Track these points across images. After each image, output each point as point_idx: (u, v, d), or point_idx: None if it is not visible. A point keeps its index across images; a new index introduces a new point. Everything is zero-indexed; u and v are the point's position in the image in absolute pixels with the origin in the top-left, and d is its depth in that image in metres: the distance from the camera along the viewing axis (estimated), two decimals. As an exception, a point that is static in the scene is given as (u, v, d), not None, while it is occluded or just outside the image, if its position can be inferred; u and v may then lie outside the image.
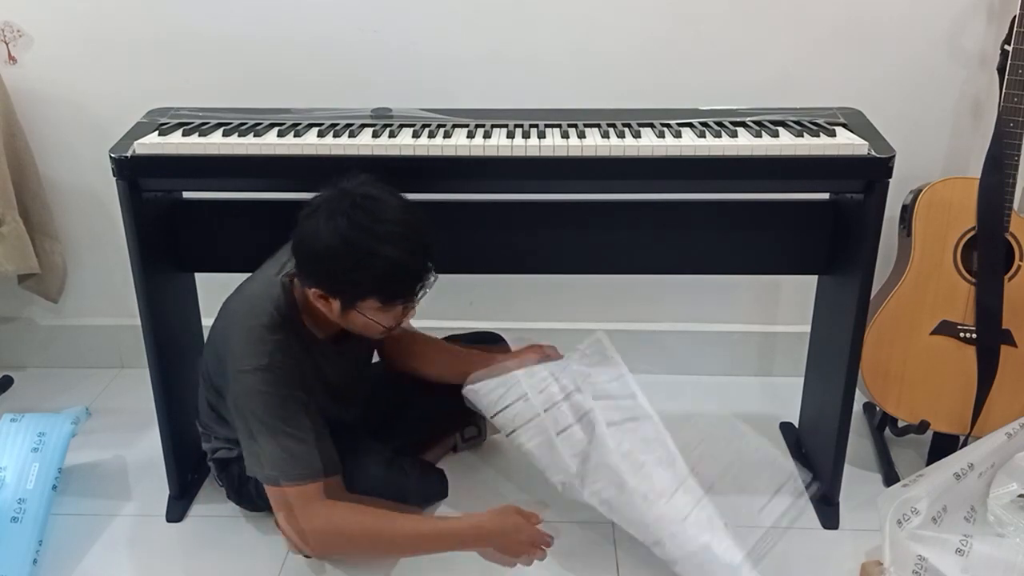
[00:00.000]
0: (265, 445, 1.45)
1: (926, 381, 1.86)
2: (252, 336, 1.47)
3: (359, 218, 1.37)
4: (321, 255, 1.39)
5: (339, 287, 1.43)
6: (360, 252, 1.37)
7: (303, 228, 1.41)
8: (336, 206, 1.38)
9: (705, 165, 1.56)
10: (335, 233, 1.37)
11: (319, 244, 1.38)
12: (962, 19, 2.00)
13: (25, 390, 2.31)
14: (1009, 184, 1.78)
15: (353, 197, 1.39)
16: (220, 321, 1.59)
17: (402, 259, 1.39)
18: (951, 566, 1.50)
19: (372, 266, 1.38)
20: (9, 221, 2.02)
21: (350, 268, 1.38)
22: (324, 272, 1.42)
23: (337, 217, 1.37)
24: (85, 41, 2.07)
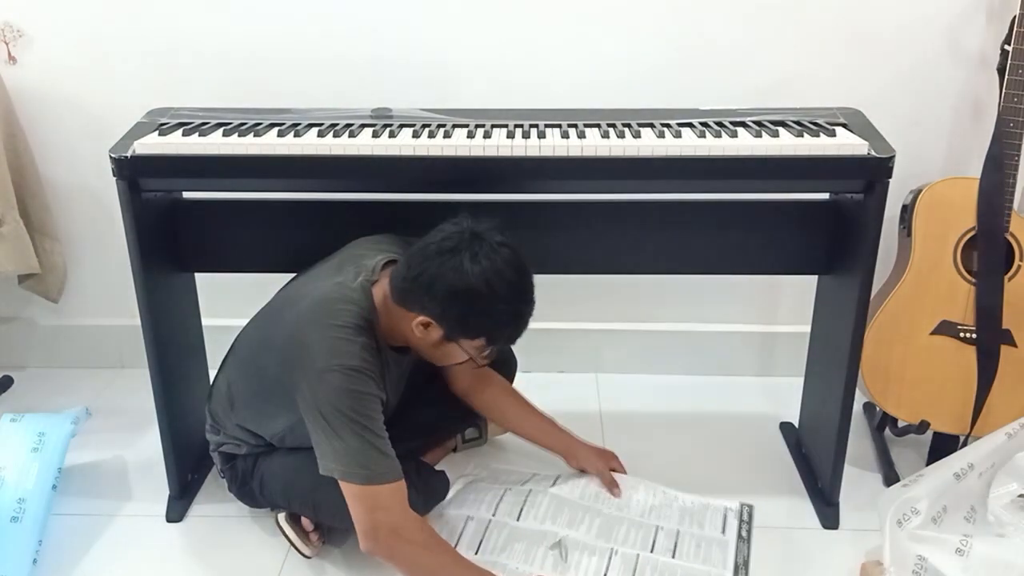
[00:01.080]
0: (352, 442, 1.44)
1: (926, 381, 1.86)
2: (339, 335, 1.47)
3: (500, 266, 1.43)
4: (455, 293, 1.43)
5: (458, 323, 1.47)
6: (498, 299, 1.44)
7: (440, 260, 1.43)
8: (478, 249, 1.43)
9: (705, 165, 1.56)
10: (481, 275, 1.42)
11: (461, 282, 1.42)
12: (962, 19, 2.00)
13: (25, 390, 2.31)
14: (1009, 184, 1.78)
15: (490, 245, 1.44)
16: (283, 327, 1.56)
17: (525, 314, 1.49)
18: (951, 566, 1.50)
19: (503, 315, 1.47)
20: (9, 221, 2.02)
21: (481, 312, 1.45)
22: (450, 308, 1.45)
23: (485, 259, 1.43)
24: (85, 41, 2.07)
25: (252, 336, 1.68)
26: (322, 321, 1.49)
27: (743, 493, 1.87)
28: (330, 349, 1.46)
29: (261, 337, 1.64)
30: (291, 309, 1.57)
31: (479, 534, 1.70)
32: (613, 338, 2.35)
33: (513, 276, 1.45)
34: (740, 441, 2.09)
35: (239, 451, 1.71)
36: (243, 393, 1.66)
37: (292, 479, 1.63)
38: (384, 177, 1.60)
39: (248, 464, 1.71)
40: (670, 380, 2.34)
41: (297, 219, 1.80)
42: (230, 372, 1.71)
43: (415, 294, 1.47)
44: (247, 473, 1.71)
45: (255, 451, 1.70)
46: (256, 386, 1.63)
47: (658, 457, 2.01)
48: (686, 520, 1.75)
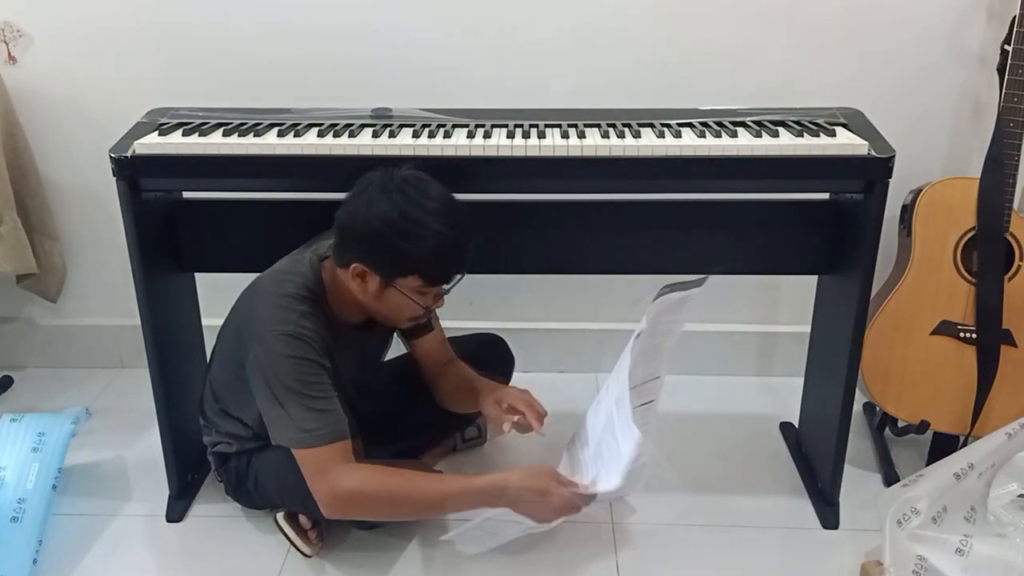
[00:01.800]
0: (292, 409, 1.47)
1: (926, 381, 1.86)
2: (280, 304, 1.50)
3: (412, 194, 1.44)
4: (373, 227, 1.44)
5: (385, 259, 1.47)
6: (413, 223, 1.43)
7: (353, 203, 1.46)
8: (388, 183, 1.45)
9: (705, 165, 1.56)
10: (391, 206, 1.43)
11: (371, 215, 1.43)
12: (962, 19, 2.00)
13: (25, 390, 2.31)
14: (1009, 184, 1.78)
15: (404, 177, 1.46)
16: (243, 300, 1.61)
17: (450, 236, 1.45)
18: (951, 566, 1.50)
19: (422, 238, 1.44)
20: (8, 221, 2.02)
21: (400, 238, 1.44)
22: (373, 244, 1.46)
23: (392, 192, 1.44)
24: (85, 41, 2.07)
25: (223, 328, 1.69)
26: (267, 290, 1.53)
27: (743, 493, 1.87)
28: (270, 316, 1.49)
29: (226, 325, 1.66)
30: (248, 290, 1.60)
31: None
32: (613, 338, 2.35)
33: (425, 200, 1.44)
34: (740, 441, 2.09)
35: (231, 449, 1.70)
36: (221, 382, 1.67)
37: (286, 476, 1.63)
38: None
39: (242, 463, 1.71)
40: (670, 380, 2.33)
41: (297, 219, 1.80)
42: (211, 370, 1.72)
43: (343, 244, 1.50)
44: (241, 473, 1.71)
45: (247, 448, 1.69)
46: (228, 376, 1.64)
47: (658, 457, 2.01)
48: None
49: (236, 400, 1.65)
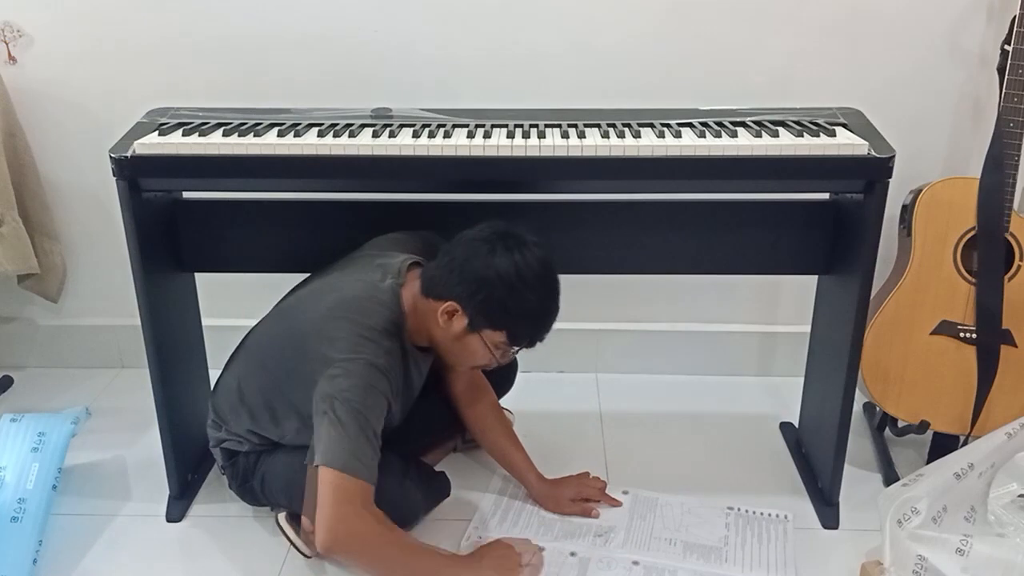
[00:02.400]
0: (351, 433, 1.43)
1: (926, 381, 1.86)
2: (367, 335, 1.49)
3: (532, 260, 1.49)
4: (487, 275, 1.47)
5: (485, 309, 1.50)
6: (526, 286, 1.48)
7: (473, 245, 1.50)
8: (513, 245, 1.49)
9: (705, 165, 1.56)
10: (511, 263, 1.47)
11: (491, 268, 1.47)
12: (962, 19, 2.00)
13: (25, 390, 2.31)
14: (1009, 184, 1.78)
15: (528, 242, 1.50)
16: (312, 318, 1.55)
17: (550, 309, 1.54)
18: (951, 566, 1.50)
19: (528, 303, 1.50)
20: (9, 221, 2.02)
21: (509, 295, 1.48)
22: (480, 291, 1.48)
23: (515, 251, 1.48)
24: (85, 41, 2.07)
25: (267, 333, 1.67)
26: (351, 318, 1.51)
27: (743, 493, 1.87)
28: (356, 345, 1.48)
29: (278, 333, 1.64)
30: (315, 305, 1.57)
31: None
32: (613, 338, 2.35)
33: (542, 271, 1.50)
34: (740, 441, 2.09)
35: (241, 448, 1.70)
36: (254, 390, 1.65)
37: (294, 478, 1.63)
38: (384, 177, 1.60)
39: (250, 462, 1.71)
40: (670, 380, 2.34)
41: (297, 219, 1.80)
42: (239, 369, 1.70)
43: (445, 280, 1.51)
44: (248, 471, 1.71)
45: (257, 449, 1.70)
46: (269, 382, 1.63)
47: (658, 457, 2.01)
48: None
49: (266, 415, 1.64)
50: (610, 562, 1.66)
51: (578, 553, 1.68)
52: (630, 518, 1.78)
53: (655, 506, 1.81)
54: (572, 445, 2.05)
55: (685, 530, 1.75)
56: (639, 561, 1.66)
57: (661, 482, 1.90)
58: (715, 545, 1.71)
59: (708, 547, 1.70)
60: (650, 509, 1.81)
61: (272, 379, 1.62)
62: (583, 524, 1.76)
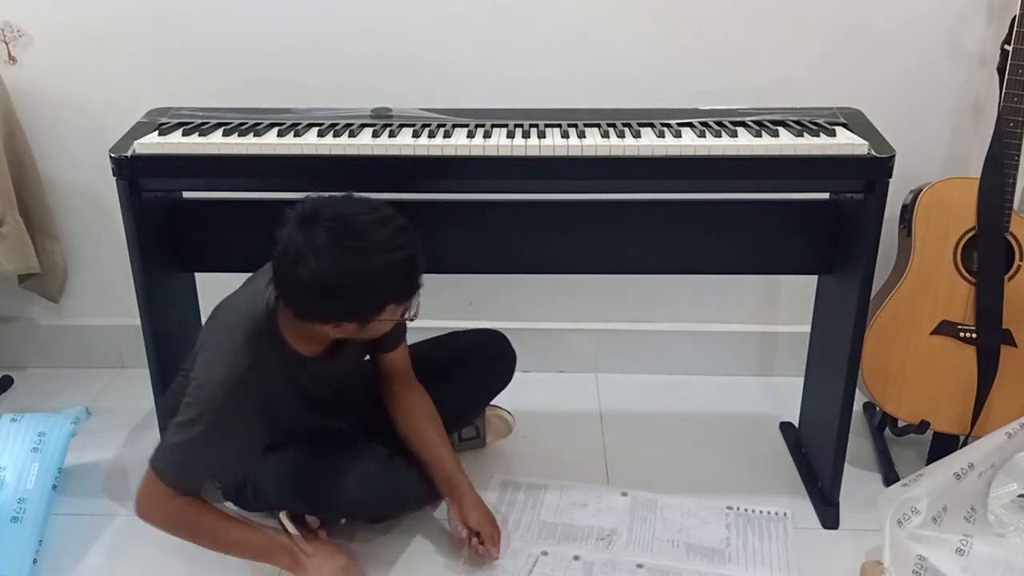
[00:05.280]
0: (180, 441, 1.48)
1: (926, 381, 1.86)
2: (228, 357, 1.47)
3: (347, 242, 1.35)
4: (330, 294, 1.37)
5: (356, 313, 1.43)
6: (367, 273, 1.36)
7: (296, 275, 1.36)
8: (316, 243, 1.35)
9: (705, 165, 1.56)
10: (336, 268, 1.34)
11: (323, 285, 1.36)
12: (962, 19, 2.00)
13: (25, 390, 2.31)
14: (1009, 184, 1.78)
15: (324, 227, 1.36)
16: (205, 327, 1.60)
17: (404, 259, 1.39)
18: (951, 566, 1.50)
19: (382, 280, 1.39)
20: (9, 221, 2.02)
21: (363, 292, 1.39)
22: (339, 308, 1.41)
23: (327, 252, 1.34)
24: (85, 41, 2.07)
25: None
26: (220, 330, 1.53)
27: (744, 493, 1.87)
28: (215, 362, 1.48)
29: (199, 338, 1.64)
30: (211, 315, 1.60)
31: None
32: (613, 338, 2.35)
33: (362, 242, 1.36)
34: (740, 441, 2.09)
35: None
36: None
37: (287, 475, 1.63)
38: (384, 177, 1.60)
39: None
40: (670, 380, 2.34)
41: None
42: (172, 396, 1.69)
43: (297, 309, 1.44)
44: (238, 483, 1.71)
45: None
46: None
47: (658, 457, 2.01)
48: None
49: None
50: (615, 565, 1.66)
51: (582, 557, 1.68)
52: (631, 520, 1.78)
53: (655, 508, 1.81)
54: (572, 445, 2.05)
55: (687, 531, 1.75)
56: (643, 564, 1.66)
57: (661, 482, 1.89)
58: (717, 546, 1.71)
59: (711, 548, 1.70)
60: (650, 511, 1.81)
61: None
62: (584, 527, 1.76)
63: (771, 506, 1.82)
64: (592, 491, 1.87)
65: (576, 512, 1.80)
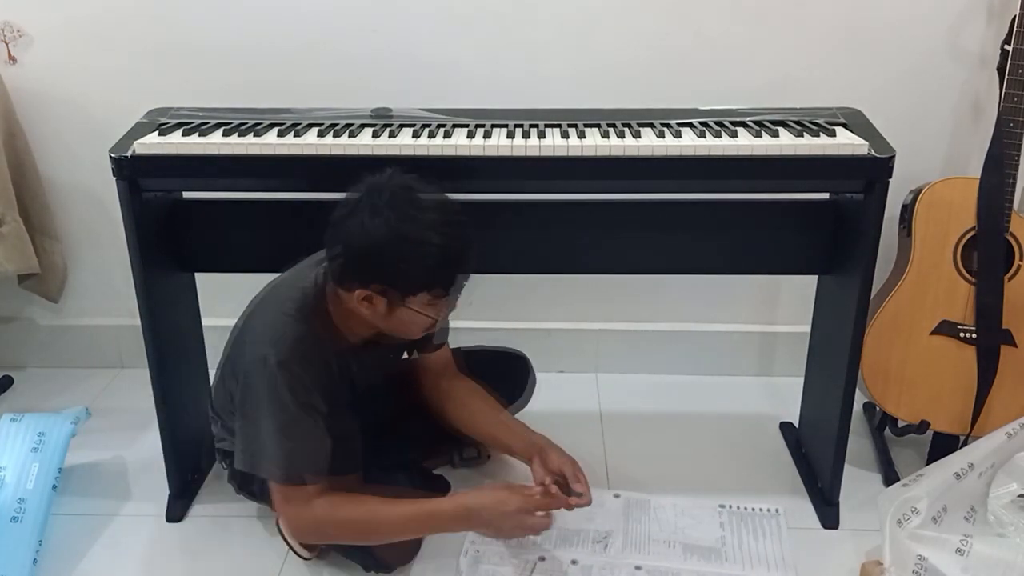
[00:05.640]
0: (267, 439, 1.46)
1: (926, 381, 1.86)
2: (278, 325, 1.47)
3: (406, 209, 1.37)
4: (370, 251, 1.38)
5: (389, 283, 1.41)
6: (412, 243, 1.36)
7: (346, 227, 1.39)
8: (376, 201, 1.37)
9: (705, 165, 1.56)
10: (386, 227, 1.36)
11: (368, 240, 1.37)
12: (962, 19, 2.00)
13: (25, 390, 2.31)
14: (1009, 184, 1.78)
15: (391, 190, 1.38)
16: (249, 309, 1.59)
17: (452, 246, 1.39)
18: (951, 566, 1.50)
19: (425, 256, 1.38)
20: (9, 221, 2.02)
21: (402, 260, 1.38)
22: (374, 269, 1.40)
23: (384, 211, 1.36)
24: (85, 41, 2.07)
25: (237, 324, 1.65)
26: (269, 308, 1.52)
27: (743, 493, 1.87)
28: (267, 337, 1.47)
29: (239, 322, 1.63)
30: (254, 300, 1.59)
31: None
32: (613, 338, 2.36)
33: (420, 213, 1.37)
34: (740, 441, 2.09)
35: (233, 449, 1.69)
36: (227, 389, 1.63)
37: None
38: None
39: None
40: (670, 380, 2.34)
41: (297, 219, 1.80)
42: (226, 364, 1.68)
43: (340, 271, 1.44)
44: (246, 475, 1.70)
45: None
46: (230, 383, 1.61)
47: (658, 457, 2.01)
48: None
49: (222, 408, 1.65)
50: (613, 568, 1.66)
51: (579, 561, 1.67)
52: (626, 522, 1.78)
53: (648, 508, 1.81)
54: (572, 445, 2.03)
55: (682, 531, 1.75)
56: (641, 566, 1.66)
57: (661, 482, 1.89)
58: (713, 545, 1.71)
59: (707, 548, 1.70)
60: (644, 512, 1.81)
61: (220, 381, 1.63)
62: (580, 531, 1.75)
63: (763, 502, 1.82)
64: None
65: (570, 515, 1.80)
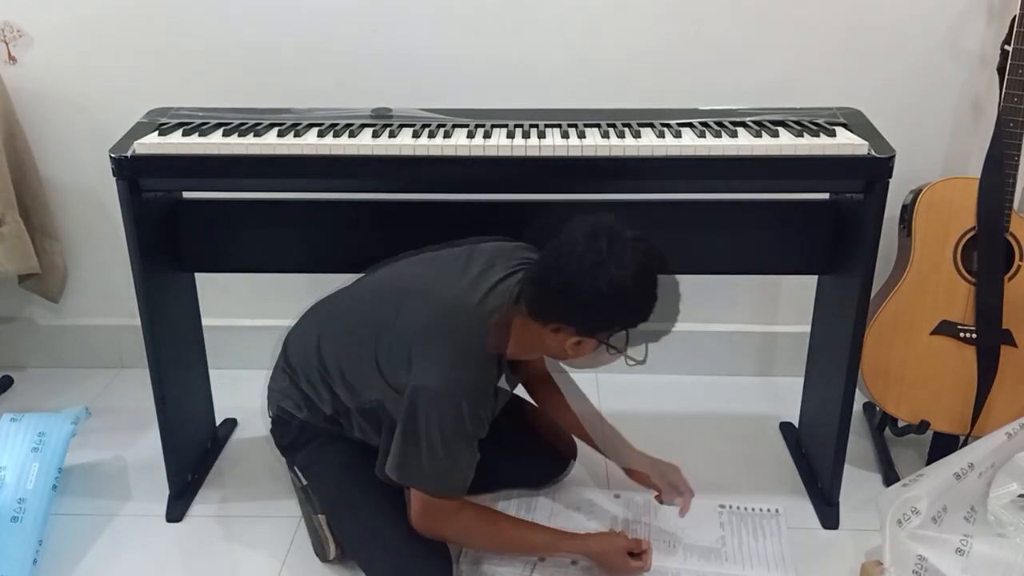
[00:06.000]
0: (428, 461, 1.47)
1: (926, 381, 1.86)
2: (463, 354, 1.47)
3: (621, 258, 1.38)
4: (584, 296, 1.39)
5: (592, 323, 1.44)
6: (625, 292, 1.39)
7: (565, 267, 1.39)
8: (621, 252, 1.39)
9: (705, 165, 1.56)
10: (602, 276, 1.37)
11: (583, 286, 1.38)
12: (962, 19, 2.00)
13: (25, 390, 2.32)
14: (1009, 184, 1.78)
15: (608, 236, 1.40)
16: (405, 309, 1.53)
17: (655, 294, 1.44)
18: (951, 566, 1.50)
19: (635, 304, 1.43)
20: (9, 221, 2.02)
21: (616, 308, 1.42)
22: (583, 311, 1.42)
23: (629, 264, 1.38)
24: (85, 41, 2.07)
25: (363, 304, 1.63)
26: (452, 334, 1.48)
27: (743, 493, 1.87)
28: (451, 363, 1.46)
29: (374, 314, 1.58)
30: (416, 306, 1.53)
31: None
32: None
33: (655, 267, 1.43)
34: (740, 441, 2.09)
35: (298, 414, 1.65)
36: (333, 353, 1.61)
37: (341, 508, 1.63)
38: (384, 177, 1.60)
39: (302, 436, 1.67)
40: (670, 380, 2.34)
41: (297, 219, 1.80)
42: (324, 325, 1.65)
43: (551, 303, 1.44)
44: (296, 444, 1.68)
45: (312, 425, 1.65)
46: (354, 355, 1.58)
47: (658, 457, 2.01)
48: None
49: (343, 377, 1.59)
50: None
51: (580, 561, 1.67)
52: (625, 523, 1.78)
53: (648, 509, 1.81)
54: (572, 445, 2.05)
55: (682, 531, 1.75)
56: None
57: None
58: (713, 545, 1.71)
59: (707, 548, 1.70)
60: (644, 512, 1.81)
61: (358, 354, 1.57)
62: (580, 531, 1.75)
63: (762, 502, 1.82)
64: (585, 494, 1.87)
65: (571, 516, 1.80)
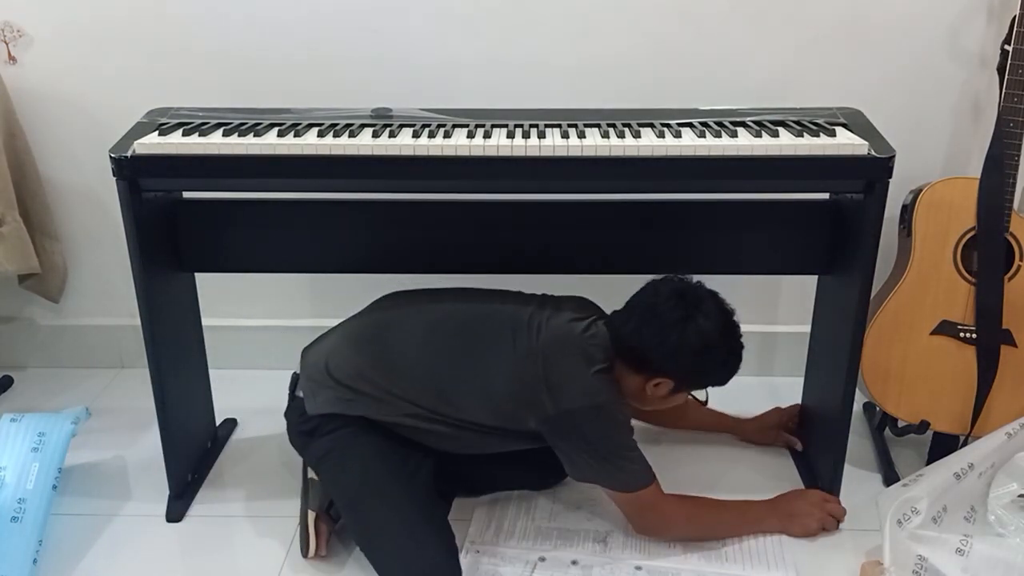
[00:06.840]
0: (619, 462, 1.63)
1: (926, 381, 1.86)
2: (592, 378, 1.61)
3: (729, 319, 1.61)
4: (703, 352, 1.57)
5: (697, 377, 1.64)
6: (721, 352, 1.60)
7: (683, 330, 1.56)
8: (705, 308, 1.58)
9: (705, 165, 1.56)
10: (715, 332, 1.57)
11: (702, 343, 1.56)
12: (962, 19, 2.00)
13: (25, 390, 2.32)
14: (1009, 184, 1.78)
15: (707, 297, 1.60)
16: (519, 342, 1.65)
17: (741, 353, 1.65)
18: (951, 566, 1.50)
19: (725, 364, 1.63)
20: (10, 221, 2.02)
21: (719, 361, 1.61)
22: (680, 369, 1.60)
23: (713, 318, 1.58)
24: (85, 41, 2.07)
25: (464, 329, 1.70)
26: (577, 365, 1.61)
27: (743, 493, 1.87)
28: (589, 388, 1.60)
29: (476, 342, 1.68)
30: (530, 335, 1.66)
31: None
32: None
33: (729, 321, 1.61)
34: (740, 441, 2.08)
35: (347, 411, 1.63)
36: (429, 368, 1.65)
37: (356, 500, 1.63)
38: (384, 177, 1.60)
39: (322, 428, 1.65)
40: (670, 380, 2.34)
41: (297, 219, 1.80)
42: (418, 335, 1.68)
43: (658, 362, 1.59)
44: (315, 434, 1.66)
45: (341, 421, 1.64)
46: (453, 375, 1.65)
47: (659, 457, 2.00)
48: None
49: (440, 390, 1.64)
50: (613, 568, 1.65)
51: (580, 561, 1.67)
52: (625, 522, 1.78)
53: None
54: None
55: None
56: (642, 566, 1.66)
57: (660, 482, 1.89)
58: (713, 545, 1.71)
59: (707, 547, 1.70)
60: None
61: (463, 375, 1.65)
62: (580, 531, 1.76)
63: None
64: (584, 493, 1.87)
65: (570, 515, 1.80)
